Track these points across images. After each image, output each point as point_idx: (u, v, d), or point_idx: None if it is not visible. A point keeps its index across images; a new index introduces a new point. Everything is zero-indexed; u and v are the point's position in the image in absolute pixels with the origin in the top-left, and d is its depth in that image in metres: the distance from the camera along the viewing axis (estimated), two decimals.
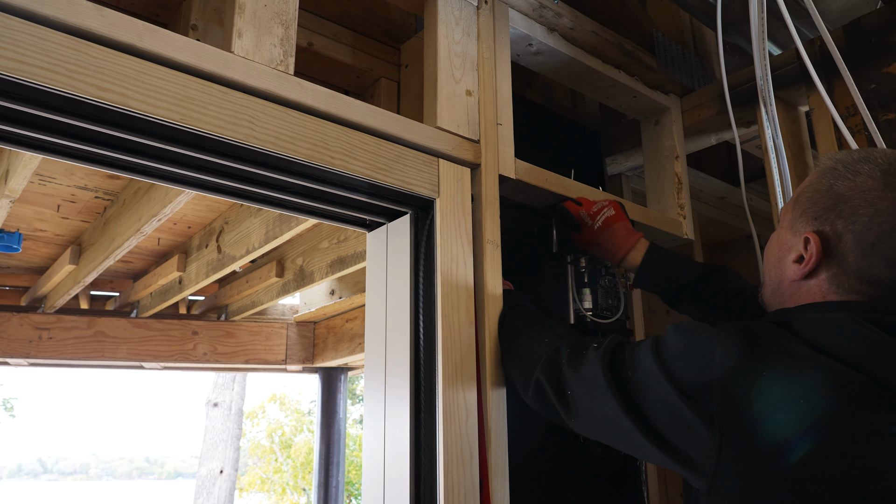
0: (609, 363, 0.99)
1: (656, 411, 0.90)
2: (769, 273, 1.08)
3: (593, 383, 0.99)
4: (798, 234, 1.00)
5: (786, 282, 1.02)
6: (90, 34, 0.93)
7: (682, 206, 1.83)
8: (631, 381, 0.95)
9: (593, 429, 1.02)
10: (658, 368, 0.91)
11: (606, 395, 0.96)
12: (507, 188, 1.47)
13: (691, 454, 0.86)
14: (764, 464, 0.79)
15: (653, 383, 0.91)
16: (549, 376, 1.08)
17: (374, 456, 1.29)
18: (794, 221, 1.02)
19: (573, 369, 1.05)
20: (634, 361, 0.96)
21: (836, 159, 1.00)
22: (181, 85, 1.01)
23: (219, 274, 3.01)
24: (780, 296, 1.04)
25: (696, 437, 0.85)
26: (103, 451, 76.86)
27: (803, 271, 0.97)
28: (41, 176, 2.64)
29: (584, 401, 1.01)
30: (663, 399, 0.89)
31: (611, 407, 0.95)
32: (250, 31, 1.11)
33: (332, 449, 4.28)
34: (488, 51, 1.47)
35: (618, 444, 0.99)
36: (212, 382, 9.72)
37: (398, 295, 1.31)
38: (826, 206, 0.96)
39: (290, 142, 1.11)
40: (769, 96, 1.55)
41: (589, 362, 1.02)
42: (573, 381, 1.04)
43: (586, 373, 1.02)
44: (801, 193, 1.02)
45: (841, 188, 0.95)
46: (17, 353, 3.56)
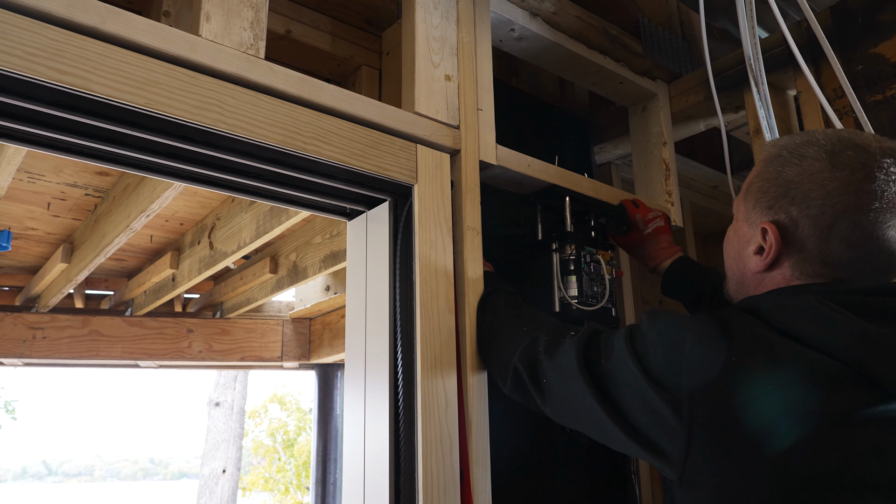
0: (583, 351, 0.98)
1: (628, 400, 0.89)
2: (731, 267, 1.07)
3: (567, 371, 0.98)
4: (754, 225, 0.98)
5: (748, 274, 1.01)
6: (49, 16, 0.90)
7: (669, 192, 1.81)
8: (604, 370, 0.94)
9: (568, 417, 1.02)
10: (629, 356, 0.89)
11: (579, 383, 0.95)
12: (489, 174, 1.45)
13: (662, 444, 0.85)
14: (736, 454, 0.78)
15: (625, 371, 0.90)
16: (526, 364, 1.08)
17: (354, 447, 1.27)
18: (748, 213, 1.00)
19: (549, 357, 1.04)
20: (608, 349, 0.95)
21: (780, 146, 0.98)
22: (146, 69, 0.99)
23: (211, 270, 3.00)
24: (744, 288, 1.03)
25: (666, 426, 0.84)
26: (107, 452, 77.07)
27: (765, 262, 0.96)
28: (30, 174, 2.63)
29: (559, 388, 1.01)
30: (634, 387, 0.88)
31: (583, 395, 0.94)
32: (218, 14, 1.09)
33: (330, 446, 4.27)
34: (468, 35, 1.45)
35: (592, 432, 0.98)
36: (213, 382, 9.71)
37: (377, 284, 1.29)
38: (777, 194, 0.95)
39: (260, 127, 1.09)
40: (760, 76, 1.53)
41: (564, 350, 1.01)
42: (549, 368, 1.03)
43: (561, 360, 1.01)
44: (751, 184, 1.01)
45: (789, 174, 0.94)
46: (11, 353, 3.55)
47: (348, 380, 1.33)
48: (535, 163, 1.50)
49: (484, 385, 1.27)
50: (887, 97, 1.46)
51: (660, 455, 0.86)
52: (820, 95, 1.46)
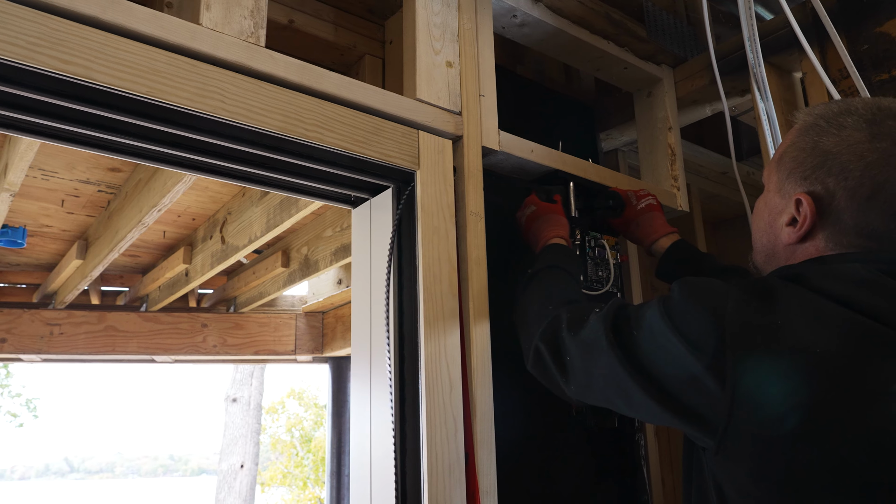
0: (612, 325, 0.95)
1: (663, 368, 0.87)
2: (760, 239, 1.05)
3: (594, 346, 0.96)
4: (787, 196, 0.97)
5: (780, 245, 0.99)
6: (50, 6, 0.92)
7: (675, 177, 1.81)
8: (636, 340, 0.91)
9: (593, 393, 0.99)
10: (665, 324, 0.87)
11: (609, 356, 0.93)
12: (492, 160, 1.46)
13: (700, 410, 0.84)
14: (780, 421, 0.77)
15: (660, 340, 0.88)
16: (548, 342, 1.06)
17: (361, 432, 1.29)
18: (781, 183, 0.99)
19: (572, 334, 1.02)
20: (640, 319, 0.93)
21: (817, 114, 0.97)
22: (147, 57, 1.00)
23: (224, 264, 3.03)
24: (775, 260, 1.02)
25: (706, 392, 0.82)
26: (128, 449, 77.95)
27: (799, 234, 0.94)
28: (43, 171, 2.66)
29: (583, 365, 0.99)
30: (671, 354, 0.86)
31: (613, 368, 0.92)
32: (219, 2, 1.11)
33: (344, 438, 4.29)
34: (469, 21, 1.45)
35: (620, 406, 0.96)
36: (230, 378, 9.78)
37: (382, 270, 1.30)
38: (814, 164, 0.93)
39: (261, 114, 1.10)
40: (758, 60, 1.52)
41: (589, 325, 0.99)
42: (572, 345, 1.01)
43: (587, 336, 0.99)
44: (785, 153, 0.99)
45: (827, 144, 0.92)
46: (29, 349, 3.60)
47: (355, 366, 1.35)
48: (538, 148, 1.50)
49: (488, 368, 1.28)
50: (893, 76, 1.44)
51: (697, 423, 0.85)
52: (824, 77, 1.45)
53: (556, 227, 1.39)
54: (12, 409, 13.34)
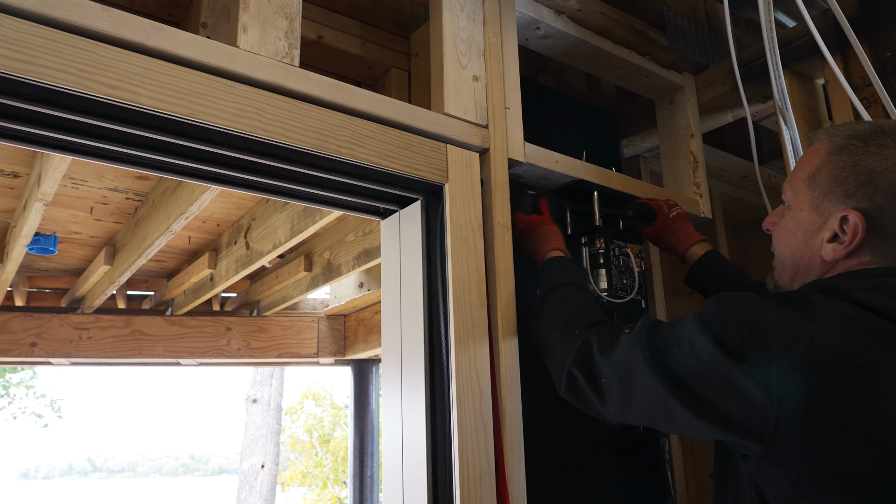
0: (648, 345, 0.97)
1: (705, 383, 0.89)
2: (791, 257, 1.06)
3: (631, 367, 0.98)
4: (826, 213, 0.99)
5: (817, 262, 1.01)
6: (98, 34, 0.96)
7: (698, 184, 1.82)
8: (676, 358, 0.93)
9: (634, 414, 1.00)
10: (706, 339, 0.89)
11: (649, 377, 0.95)
12: (518, 171, 1.48)
13: (746, 422, 0.86)
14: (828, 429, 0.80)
15: (702, 355, 0.89)
16: (581, 367, 1.07)
17: (393, 438, 1.32)
18: (817, 202, 1.01)
19: (605, 356, 1.03)
20: (678, 337, 0.94)
21: (847, 135, 1.00)
22: (189, 80, 1.04)
23: (248, 269, 3.08)
24: (806, 276, 1.04)
25: (753, 403, 0.84)
26: (149, 449, 78.76)
27: (847, 249, 0.96)
28: (73, 179, 2.73)
29: (620, 386, 1.00)
30: (714, 369, 0.88)
31: (654, 388, 0.94)
32: (255, 25, 1.14)
33: (366, 440, 4.34)
34: (494, 36, 1.48)
35: (663, 425, 0.97)
36: (250, 379, 9.88)
37: (412, 280, 1.33)
38: (858, 182, 0.96)
39: (296, 132, 1.14)
40: (777, 70, 1.53)
41: (623, 347, 1.01)
42: (607, 368, 1.03)
43: (622, 357, 1.00)
44: (818, 173, 1.01)
45: (870, 163, 0.96)
46: (58, 353, 3.68)
47: (385, 374, 1.38)
48: (562, 159, 1.52)
49: (516, 376, 1.31)
50: None
51: (743, 434, 0.87)
52: (846, 85, 1.46)
53: (551, 239, 1.40)
54: (37, 410, 13.55)
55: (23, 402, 13.19)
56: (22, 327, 3.63)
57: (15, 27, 0.89)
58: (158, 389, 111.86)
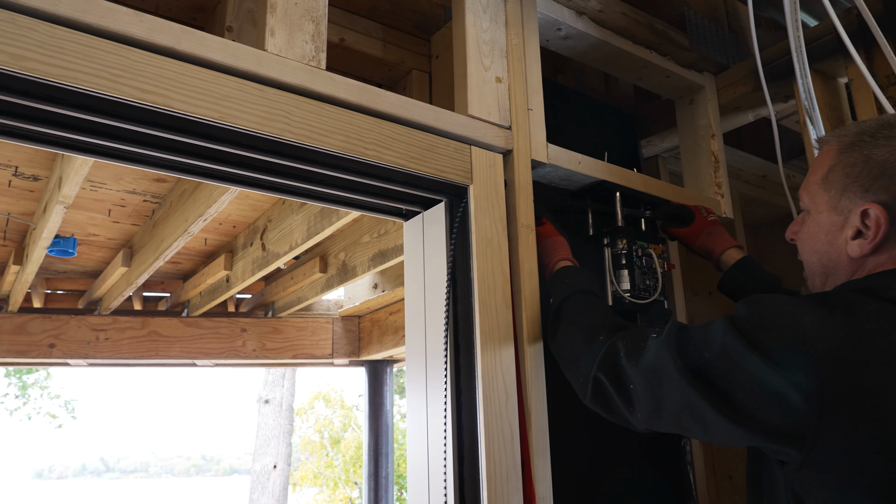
0: (678, 349, 0.94)
1: (741, 388, 0.86)
2: (819, 261, 1.05)
3: (660, 373, 0.95)
4: (845, 211, 0.98)
5: (844, 261, 1.00)
6: (131, 39, 0.97)
7: (719, 184, 1.82)
8: (708, 363, 0.90)
9: (664, 421, 0.97)
10: (741, 343, 0.86)
11: (680, 383, 0.91)
12: (540, 172, 1.48)
13: (786, 427, 0.84)
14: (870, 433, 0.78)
15: (737, 359, 0.86)
16: (608, 373, 1.04)
17: (418, 440, 1.32)
18: (834, 201, 1.00)
19: (633, 362, 1.00)
20: (709, 341, 0.91)
21: (855, 133, 1.00)
22: (219, 84, 1.05)
23: (264, 271, 3.09)
24: (836, 278, 1.02)
25: (792, 408, 0.82)
26: (162, 449, 79.17)
27: (872, 244, 0.95)
28: (92, 182, 2.75)
29: (650, 393, 0.97)
30: (750, 374, 0.85)
31: (686, 394, 0.91)
32: (282, 29, 1.15)
33: (381, 441, 4.35)
34: (517, 37, 1.48)
35: (695, 432, 0.94)
36: (262, 380, 9.92)
37: (436, 281, 1.34)
38: (872, 175, 0.95)
39: (324, 135, 1.14)
40: (804, 68, 1.53)
41: (651, 352, 0.98)
42: (635, 374, 0.99)
43: (651, 363, 0.97)
44: (830, 173, 1.01)
45: (881, 155, 0.95)
46: (76, 354, 3.71)
47: (409, 375, 1.38)
48: (585, 160, 1.52)
49: (542, 378, 1.31)
50: None
51: (782, 440, 0.85)
52: (872, 83, 1.45)
53: (558, 249, 1.38)
54: (52, 411, 13.66)
55: (37, 402, 13.30)
56: (40, 328, 3.66)
57: (51, 33, 0.90)
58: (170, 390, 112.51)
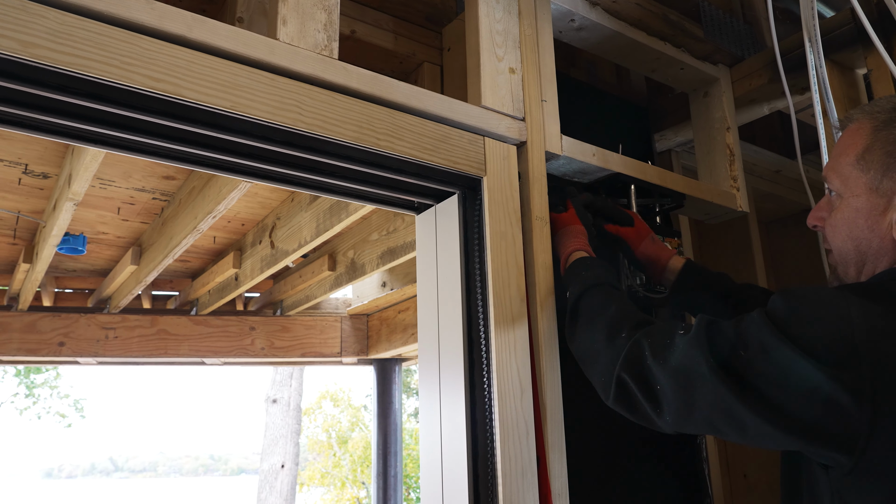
0: (709, 347, 0.87)
1: (781, 388, 0.80)
2: (855, 248, 0.98)
3: (692, 372, 0.88)
4: (889, 193, 0.93)
5: (888, 247, 0.93)
6: (142, 27, 0.96)
7: (734, 178, 1.79)
8: (745, 362, 0.84)
9: (695, 424, 0.90)
10: (780, 339, 0.80)
11: (714, 383, 0.84)
12: (554, 164, 1.46)
13: (833, 430, 0.78)
14: None
15: (777, 357, 0.80)
16: (632, 372, 0.97)
17: (431, 436, 1.30)
18: (875, 183, 0.95)
19: (660, 361, 0.93)
20: (744, 338, 0.85)
21: (891, 109, 0.96)
22: (230, 73, 1.03)
23: (273, 269, 3.08)
24: (875, 267, 0.96)
25: (840, 409, 0.76)
26: (170, 448, 79.54)
27: None
28: (101, 180, 2.74)
29: (680, 394, 0.90)
30: (793, 372, 0.79)
31: (720, 395, 0.84)
32: (294, 17, 1.13)
33: (390, 439, 4.34)
34: (530, 27, 1.46)
35: (728, 434, 0.87)
36: (270, 379, 9.93)
37: (449, 275, 1.32)
38: None
39: (336, 125, 1.13)
40: (819, 59, 1.50)
41: (681, 350, 0.91)
42: (662, 374, 0.92)
43: (680, 362, 0.90)
44: (867, 153, 0.96)
45: None
46: (86, 353, 3.71)
47: (422, 370, 1.36)
48: (599, 152, 1.50)
49: (557, 372, 1.29)
50: None
51: (829, 444, 0.79)
52: (894, 70, 1.42)
53: (576, 237, 1.31)
54: (61, 410, 13.72)
55: (47, 401, 13.37)
56: (50, 327, 3.66)
57: (61, 20, 0.89)
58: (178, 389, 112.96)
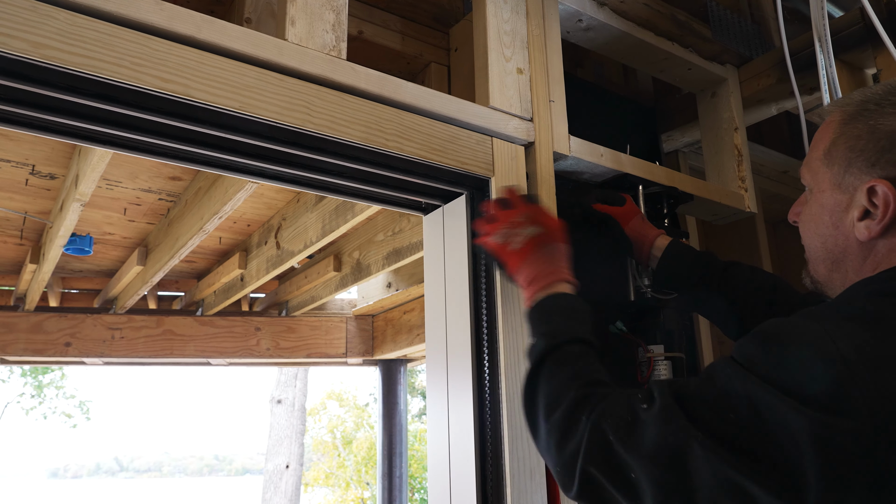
0: (690, 418, 0.75)
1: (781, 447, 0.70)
2: (823, 245, 0.93)
3: (678, 454, 0.75)
4: (850, 189, 0.88)
5: (853, 247, 0.89)
6: (151, 28, 0.96)
7: (743, 178, 1.78)
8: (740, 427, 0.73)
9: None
10: (771, 395, 0.71)
11: (710, 461, 0.72)
12: (562, 165, 1.46)
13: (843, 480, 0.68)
14: None
15: (778, 418, 0.70)
16: (599, 465, 0.82)
17: (438, 436, 1.30)
18: (837, 179, 0.89)
19: (630, 447, 0.79)
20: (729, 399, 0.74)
21: (859, 101, 0.90)
22: (239, 73, 1.03)
23: (278, 270, 3.08)
24: (845, 266, 0.91)
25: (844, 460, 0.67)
26: (175, 449, 79.72)
27: (881, 225, 0.84)
28: (108, 180, 2.75)
29: (665, 479, 0.76)
30: (788, 427, 0.69)
31: (721, 472, 0.72)
32: (303, 18, 1.13)
33: (395, 440, 4.33)
34: (538, 27, 1.46)
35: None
36: (275, 380, 9.96)
37: (456, 275, 1.31)
38: (880, 148, 0.85)
39: (344, 125, 1.12)
40: (829, 58, 1.49)
41: (651, 429, 0.78)
42: (635, 461, 0.78)
43: (658, 443, 0.77)
44: (832, 147, 0.91)
45: (889, 125, 0.84)
46: (92, 353, 3.72)
47: (430, 371, 1.36)
48: (607, 152, 1.50)
49: None
50: None
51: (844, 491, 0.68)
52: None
53: (560, 263, 1.12)
54: (67, 411, 13.77)
55: (53, 402, 13.42)
56: (56, 327, 3.67)
57: (71, 21, 0.89)
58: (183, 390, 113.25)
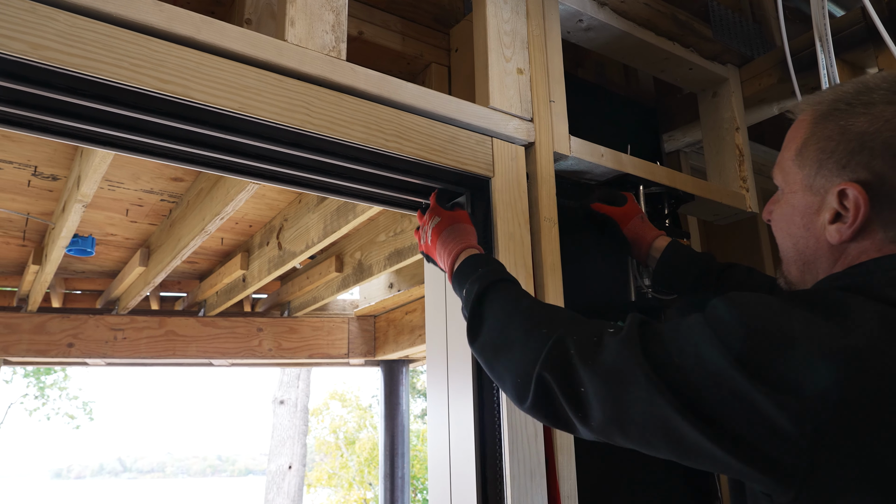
0: (644, 351, 0.78)
1: (721, 403, 0.71)
2: (794, 247, 0.92)
3: (623, 378, 0.78)
4: (821, 191, 0.85)
5: (823, 248, 0.87)
6: (151, 29, 0.96)
7: (744, 178, 1.78)
8: (680, 370, 0.75)
9: (624, 434, 0.80)
10: (716, 350, 0.72)
11: (649, 391, 0.75)
12: (562, 165, 1.46)
13: (771, 455, 0.69)
14: (877, 465, 0.66)
15: (711, 369, 0.72)
16: (555, 372, 0.85)
17: (439, 438, 1.30)
18: (809, 180, 0.87)
19: (588, 362, 0.82)
20: (681, 345, 0.77)
21: (831, 100, 0.88)
22: (238, 74, 1.03)
23: (280, 270, 3.08)
24: (815, 268, 0.89)
25: (778, 433, 0.68)
26: (178, 449, 79.85)
27: (852, 229, 0.82)
28: (110, 181, 2.75)
29: (609, 400, 0.80)
30: (728, 388, 0.71)
31: (655, 405, 0.75)
32: (302, 19, 1.13)
33: (397, 440, 4.33)
34: (538, 28, 1.46)
35: (661, 449, 0.78)
36: (277, 381, 9.95)
37: None
38: (849, 149, 0.82)
39: (344, 126, 1.13)
40: (829, 58, 1.49)
41: (611, 352, 0.81)
42: (588, 377, 0.81)
43: (611, 365, 0.80)
44: (804, 148, 0.89)
45: (859, 126, 0.82)
46: (94, 354, 3.73)
47: (430, 372, 1.36)
48: (607, 152, 1.50)
49: None
50: None
51: (767, 469, 0.70)
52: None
53: (467, 235, 1.20)
54: (70, 411, 13.80)
55: (56, 403, 13.45)
56: (59, 328, 3.68)
57: (70, 22, 0.89)
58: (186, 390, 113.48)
